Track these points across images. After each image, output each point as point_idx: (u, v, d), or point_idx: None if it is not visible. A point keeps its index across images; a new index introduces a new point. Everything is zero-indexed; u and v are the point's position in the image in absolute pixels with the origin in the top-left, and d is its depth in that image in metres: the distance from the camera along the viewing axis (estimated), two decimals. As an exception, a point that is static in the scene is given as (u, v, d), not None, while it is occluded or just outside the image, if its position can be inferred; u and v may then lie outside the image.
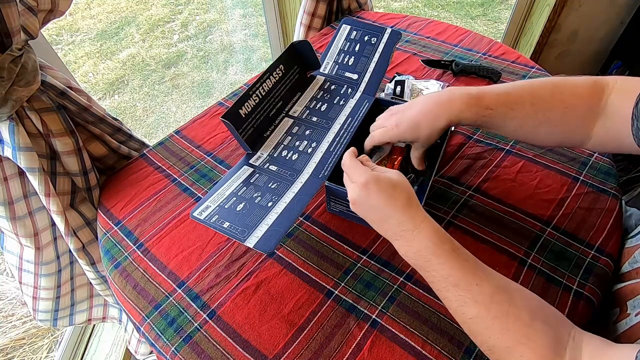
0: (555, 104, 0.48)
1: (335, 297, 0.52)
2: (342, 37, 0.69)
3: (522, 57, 0.90)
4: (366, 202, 0.44)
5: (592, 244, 0.55)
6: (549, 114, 0.48)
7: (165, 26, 2.29)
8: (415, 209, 0.42)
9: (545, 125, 0.48)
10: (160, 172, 0.71)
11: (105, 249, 0.62)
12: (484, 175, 0.65)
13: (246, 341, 0.49)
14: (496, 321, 0.37)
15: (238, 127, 0.55)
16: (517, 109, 0.49)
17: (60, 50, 2.03)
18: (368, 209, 0.44)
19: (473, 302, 0.38)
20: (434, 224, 0.42)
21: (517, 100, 0.49)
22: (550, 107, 0.48)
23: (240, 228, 0.47)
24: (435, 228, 0.41)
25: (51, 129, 0.59)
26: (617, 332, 0.45)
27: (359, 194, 0.43)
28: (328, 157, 0.55)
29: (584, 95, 0.48)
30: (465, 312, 0.39)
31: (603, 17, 1.58)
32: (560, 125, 0.48)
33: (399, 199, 0.42)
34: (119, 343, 1.04)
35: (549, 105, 0.48)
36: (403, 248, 0.43)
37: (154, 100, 1.98)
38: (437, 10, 2.73)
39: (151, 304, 0.54)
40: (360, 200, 0.44)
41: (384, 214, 0.43)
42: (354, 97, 0.63)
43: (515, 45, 1.86)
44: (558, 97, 0.48)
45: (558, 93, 0.48)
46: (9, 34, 0.48)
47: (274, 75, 0.60)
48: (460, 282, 0.39)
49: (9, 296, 1.09)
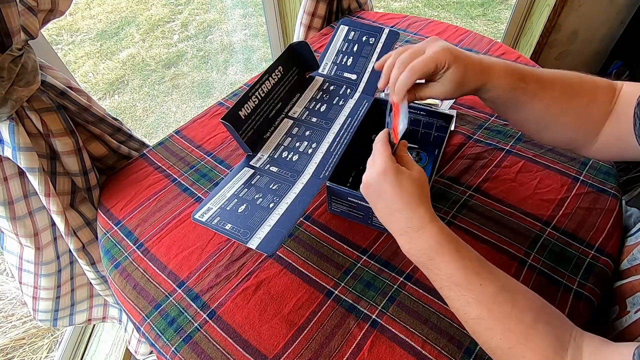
0: (583, 93, 0.47)
1: (335, 297, 0.52)
2: (340, 37, 0.69)
3: (522, 57, 0.90)
4: (379, 189, 0.43)
5: (592, 244, 0.55)
6: (575, 102, 0.47)
7: (165, 26, 2.29)
8: (426, 208, 0.42)
9: (567, 114, 0.47)
10: (160, 172, 0.71)
11: (105, 249, 0.62)
12: (484, 175, 0.65)
13: (246, 341, 0.49)
14: (498, 322, 0.37)
15: (238, 128, 0.55)
16: (548, 90, 0.47)
17: (60, 50, 2.03)
18: (379, 196, 0.43)
19: (476, 302, 0.38)
20: (440, 225, 0.41)
21: (549, 81, 0.47)
22: (578, 95, 0.47)
23: (242, 230, 0.47)
24: (441, 228, 0.41)
25: (51, 129, 0.59)
26: (617, 330, 0.45)
27: (375, 179, 0.42)
28: (328, 158, 0.55)
29: (605, 91, 0.47)
30: (467, 312, 0.39)
31: (603, 17, 1.58)
32: (580, 117, 0.47)
33: (413, 196, 0.41)
34: (119, 343, 1.04)
35: (577, 93, 0.47)
36: (407, 244, 0.42)
37: (154, 100, 1.98)
38: (437, 10, 2.73)
39: (151, 304, 0.54)
40: (374, 185, 0.43)
41: (394, 207, 0.42)
42: (353, 97, 0.63)
43: (515, 45, 1.86)
44: (586, 86, 0.47)
45: (585, 83, 0.48)
46: (9, 34, 0.48)
47: (273, 76, 0.60)
48: (462, 282, 0.39)
49: (9, 296, 1.09)
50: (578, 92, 0.47)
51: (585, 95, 0.47)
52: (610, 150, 0.49)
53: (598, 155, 0.51)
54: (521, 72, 0.47)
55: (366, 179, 0.44)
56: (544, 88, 0.47)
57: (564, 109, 0.47)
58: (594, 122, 0.47)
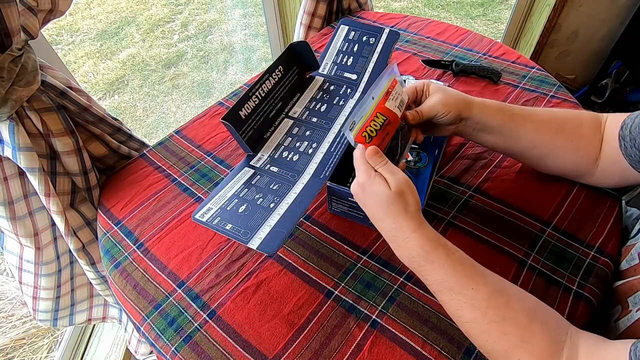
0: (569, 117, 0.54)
1: (336, 297, 0.52)
2: (340, 37, 0.69)
3: (522, 57, 0.90)
4: (363, 201, 0.45)
5: (592, 245, 0.55)
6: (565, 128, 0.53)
7: (165, 26, 2.29)
8: (409, 217, 0.41)
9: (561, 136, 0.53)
10: (160, 172, 0.71)
11: (105, 249, 0.62)
12: (484, 175, 0.65)
13: (246, 341, 0.49)
14: (492, 325, 0.37)
15: (238, 128, 0.55)
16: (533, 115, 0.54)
17: (60, 50, 2.03)
18: (364, 207, 0.45)
19: (469, 306, 0.38)
20: (427, 233, 0.41)
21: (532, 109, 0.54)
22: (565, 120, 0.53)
23: (242, 230, 0.47)
24: (428, 236, 0.41)
25: (51, 129, 0.59)
26: (620, 329, 0.45)
27: (356, 190, 0.44)
28: (329, 158, 0.55)
29: (590, 117, 0.53)
30: (461, 316, 0.39)
31: (603, 17, 1.58)
32: (574, 140, 0.53)
33: (394, 205, 0.41)
34: (119, 343, 1.04)
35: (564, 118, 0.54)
36: (397, 251, 0.43)
37: (154, 100, 1.98)
38: (437, 10, 2.73)
39: (151, 304, 0.54)
40: (358, 197, 0.45)
41: (377, 217, 0.43)
42: (353, 97, 0.63)
43: (515, 45, 1.86)
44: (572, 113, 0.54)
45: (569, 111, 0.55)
46: (9, 34, 0.48)
47: (273, 76, 0.60)
48: (455, 287, 0.39)
49: (9, 296, 1.09)
50: (565, 117, 0.53)
51: (571, 118, 0.53)
52: (611, 176, 0.53)
53: (602, 182, 0.55)
54: (503, 105, 0.54)
55: (352, 191, 0.46)
56: (529, 114, 0.54)
57: (556, 130, 0.52)
58: (587, 145, 0.52)
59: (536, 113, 0.54)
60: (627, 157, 0.48)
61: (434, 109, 0.51)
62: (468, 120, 0.53)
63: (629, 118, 0.48)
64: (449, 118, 0.52)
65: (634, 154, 0.46)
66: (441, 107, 0.51)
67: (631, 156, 0.47)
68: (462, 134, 0.56)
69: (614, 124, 0.50)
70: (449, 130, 0.55)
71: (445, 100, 0.51)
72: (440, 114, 0.51)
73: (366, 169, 0.44)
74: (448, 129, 0.55)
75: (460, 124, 0.54)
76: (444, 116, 0.51)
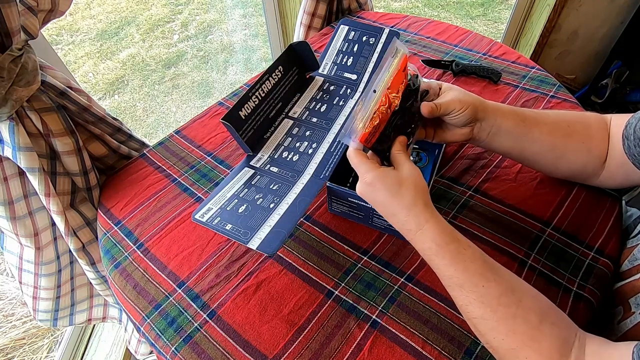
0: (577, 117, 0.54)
1: (336, 298, 0.52)
2: (340, 37, 0.69)
3: (522, 57, 0.90)
4: (372, 198, 0.44)
5: (592, 245, 0.55)
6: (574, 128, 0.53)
7: (165, 26, 2.29)
8: (421, 208, 0.41)
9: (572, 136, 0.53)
10: (160, 172, 0.71)
11: (105, 248, 0.62)
12: (484, 175, 0.65)
13: (246, 341, 0.49)
14: (502, 323, 0.37)
15: (238, 128, 0.55)
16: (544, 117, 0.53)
17: (60, 50, 2.03)
18: (374, 204, 0.44)
19: (478, 303, 0.38)
20: (440, 224, 0.41)
21: (542, 112, 0.54)
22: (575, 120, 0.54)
23: (242, 230, 0.47)
24: (440, 228, 0.41)
25: (51, 129, 0.59)
26: (622, 331, 0.45)
27: (365, 190, 0.44)
28: (329, 158, 0.55)
29: (596, 118, 0.53)
30: (470, 312, 0.39)
31: (603, 17, 1.58)
32: (585, 140, 0.52)
33: (405, 197, 0.41)
34: (119, 343, 1.04)
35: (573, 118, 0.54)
36: (411, 243, 0.43)
37: (154, 100, 1.98)
38: (437, 10, 2.73)
39: (151, 304, 0.54)
40: (367, 195, 0.44)
41: (389, 211, 0.43)
42: (353, 97, 0.63)
43: (515, 45, 1.86)
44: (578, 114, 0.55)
45: (576, 113, 0.55)
46: (9, 34, 0.48)
47: (273, 76, 0.60)
48: (465, 284, 0.39)
49: (9, 296, 1.09)
50: (573, 118, 0.54)
51: (579, 120, 0.53)
52: (616, 177, 0.53)
53: (606, 183, 0.55)
54: (515, 108, 0.54)
55: (358, 191, 0.45)
56: (540, 116, 0.54)
57: (567, 131, 0.52)
58: (596, 146, 0.52)
59: (546, 115, 0.53)
60: (630, 157, 0.48)
61: (451, 105, 0.49)
62: (483, 123, 0.52)
63: (633, 118, 0.48)
64: (465, 116, 0.50)
65: (638, 153, 0.46)
66: (458, 104, 0.49)
67: (635, 156, 0.47)
68: (476, 140, 0.54)
69: (618, 124, 0.50)
70: (462, 135, 0.53)
71: (462, 97, 0.50)
72: (457, 111, 0.49)
73: (371, 165, 0.43)
74: (462, 134, 0.53)
75: (475, 127, 0.52)
76: (460, 113, 0.49)
